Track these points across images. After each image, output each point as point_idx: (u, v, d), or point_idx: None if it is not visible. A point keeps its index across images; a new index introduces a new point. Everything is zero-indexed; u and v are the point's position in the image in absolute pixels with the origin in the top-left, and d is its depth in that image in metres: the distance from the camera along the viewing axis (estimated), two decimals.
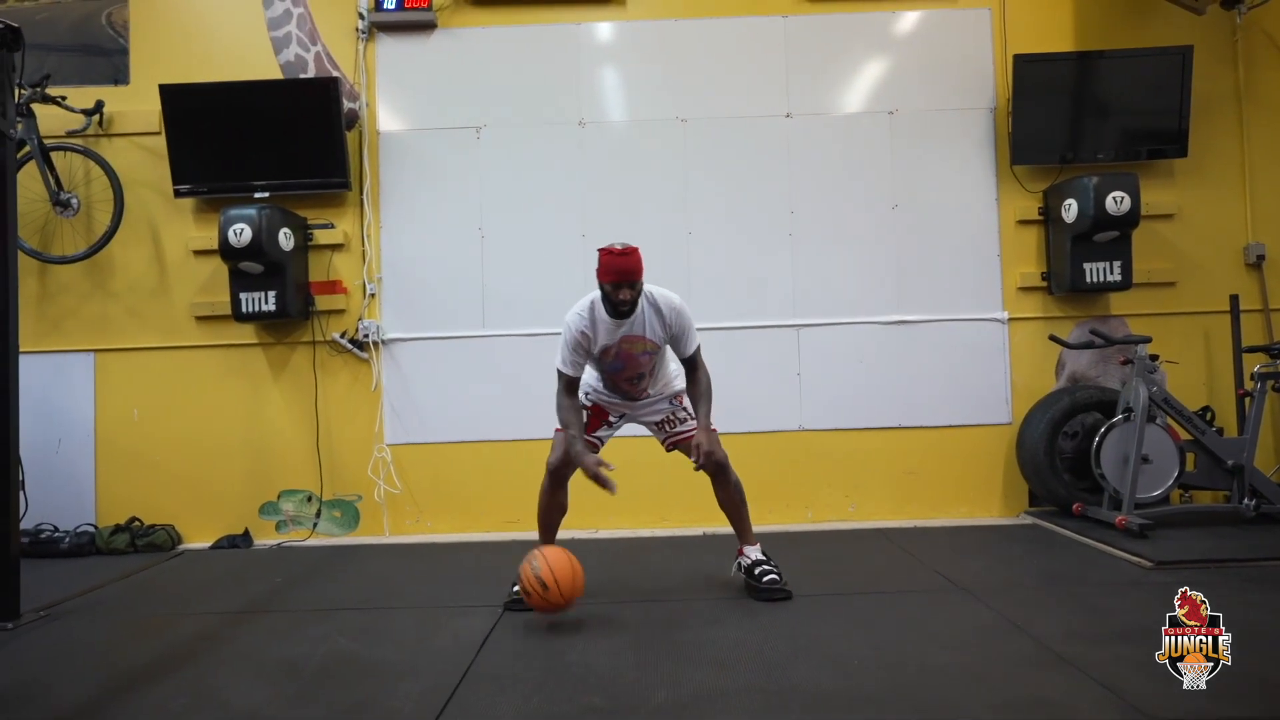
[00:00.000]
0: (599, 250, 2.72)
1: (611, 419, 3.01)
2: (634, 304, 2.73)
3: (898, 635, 2.50)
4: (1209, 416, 4.02)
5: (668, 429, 2.98)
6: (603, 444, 2.99)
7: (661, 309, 2.80)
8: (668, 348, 2.92)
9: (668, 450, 3.03)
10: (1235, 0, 4.14)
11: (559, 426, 2.89)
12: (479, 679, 2.24)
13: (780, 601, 2.85)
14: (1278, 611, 2.57)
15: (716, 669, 2.25)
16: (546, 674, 2.26)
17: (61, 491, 4.17)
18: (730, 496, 2.95)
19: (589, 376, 3.00)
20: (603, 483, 2.71)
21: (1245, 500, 3.64)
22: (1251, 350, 3.95)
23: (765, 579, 2.89)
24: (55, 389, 4.23)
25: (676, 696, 2.07)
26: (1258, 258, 4.24)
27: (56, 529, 4.10)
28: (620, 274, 2.67)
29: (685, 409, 2.98)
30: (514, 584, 2.80)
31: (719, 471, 2.90)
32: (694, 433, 2.85)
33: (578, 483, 4.16)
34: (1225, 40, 4.31)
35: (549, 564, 2.60)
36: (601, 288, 2.75)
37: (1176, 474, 3.70)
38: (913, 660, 2.28)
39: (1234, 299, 4.09)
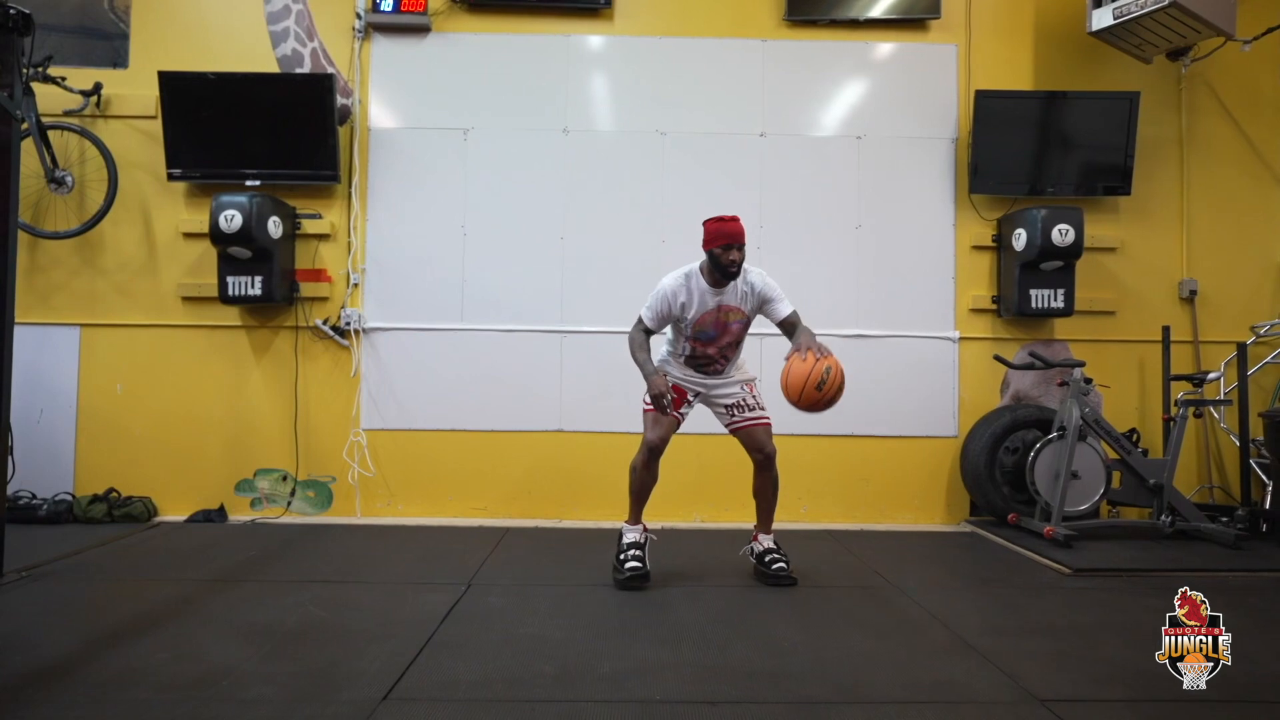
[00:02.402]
0: (705, 221, 3.03)
1: (690, 398, 3.22)
2: (740, 265, 3.01)
3: (829, 624, 2.73)
4: (1135, 438, 4.30)
5: (736, 413, 3.21)
6: (684, 419, 3.21)
7: (752, 279, 3.09)
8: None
9: (731, 432, 3.26)
10: (1180, 52, 4.44)
11: (647, 406, 3.15)
12: (440, 646, 2.43)
13: (787, 587, 3.15)
14: (1167, 615, 2.83)
15: (660, 646, 2.46)
16: (503, 644, 2.46)
17: (41, 460, 4.28)
18: (766, 486, 3.25)
19: (668, 365, 3.23)
20: (663, 408, 3.03)
21: (1164, 517, 3.92)
22: (1178, 378, 4.25)
23: (774, 566, 3.19)
24: (40, 360, 4.35)
25: (621, 667, 2.28)
26: (1190, 293, 4.55)
27: (35, 496, 4.22)
28: (731, 236, 2.97)
29: (755, 396, 3.23)
30: (623, 559, 3.13)
31: (766, 463, 3.20)
32: (756, 423, 3.17)
33: (523, 481, 4.35)
34: (1170, 88, 4.61)
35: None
36: (710, 254, 3.01)
37: (1103, 490, 3.98)
38: (839, 646, 2.51)
39: (1165, 330, 4.38)
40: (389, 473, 4.44)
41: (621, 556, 3.17)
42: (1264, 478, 4.20)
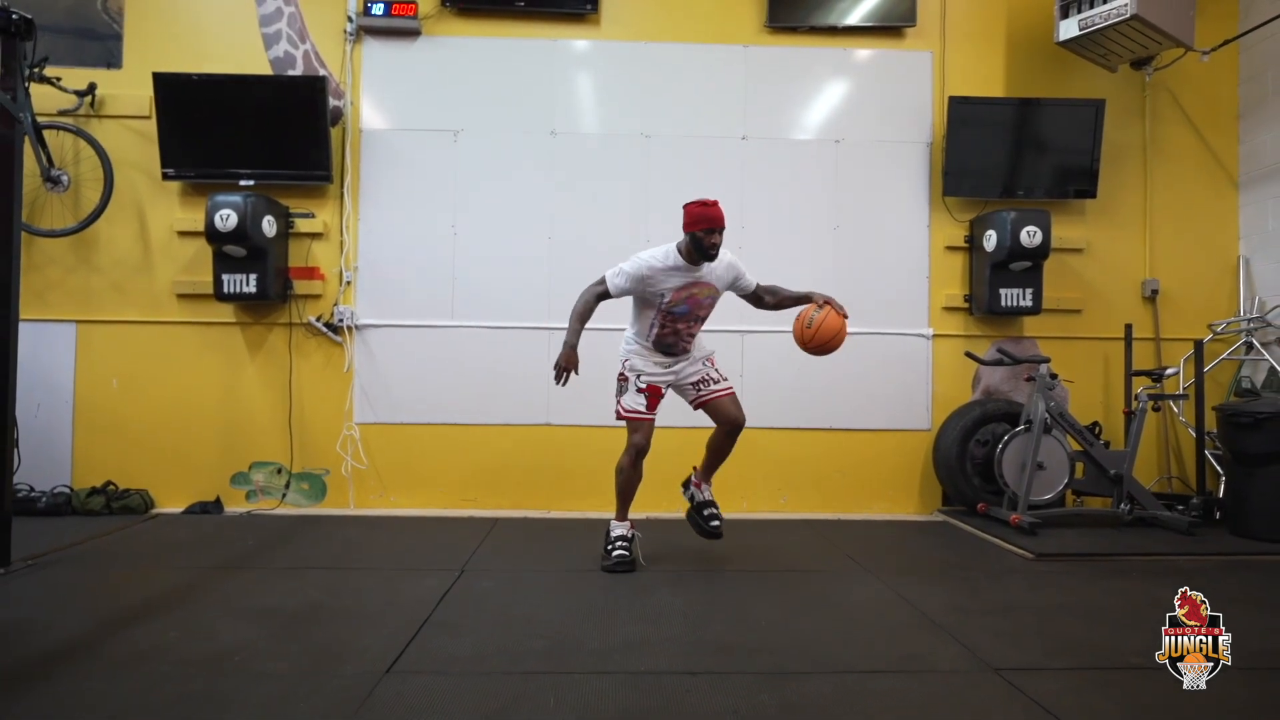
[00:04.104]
0: (687, 205, 3.19)
1: (663, 392, 3.38)
2: (719, 248, 3.19)
3: (804, 604, 2.90)
4: (1097, 431, 4.49)
5: (702, 388, 3.38)
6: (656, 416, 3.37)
7: (726, 260, 3.30)
8: None
9: (695, 409, 3.43)
10: (1143, 62, 4.64)
11: (629, 412, 3.28)
12: (437, 626, 2.57)
13: (714, 540, 3.43)
14: (1120, 595, 3.04)
15: (644, 624, 2.61)
16: (496, 623, 2.60)
17: (39, 454, 4.35)
18: (725, 446, 3.41)
19: (637, 359, 3.35)
20: (559, 375, 3.14)
21: (1123, 505, 4.12)
22: (1139, 374, 4.45)
23: (711, 522, 3.43)
24: (37, 356, 4.41)
25: (606, 643, 2.43)
26: (1152, 292, 4.76)
27: (33, 489, 4.31)
28: (713, 220, 3.14)
29: (716, 370, 3.42)
30: (610, 548, 3.30)
31: (735, 432, 3.36)
32: (723, 394, 3.35)
33: (512, 473, 4.49)
34: (1134, 96, 4.81)
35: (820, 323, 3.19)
36: (693, 236, 3.17)
37: (1066, 480, 4.17)
38: (812, 624, 2.68)
39: (1128, 328, 4.59)
40: (381, 465, 4.56)
41: (609, 546, 3.33)
42: (1218, 468, 4.42)
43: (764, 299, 3.43)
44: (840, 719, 1.95)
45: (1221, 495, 4.29)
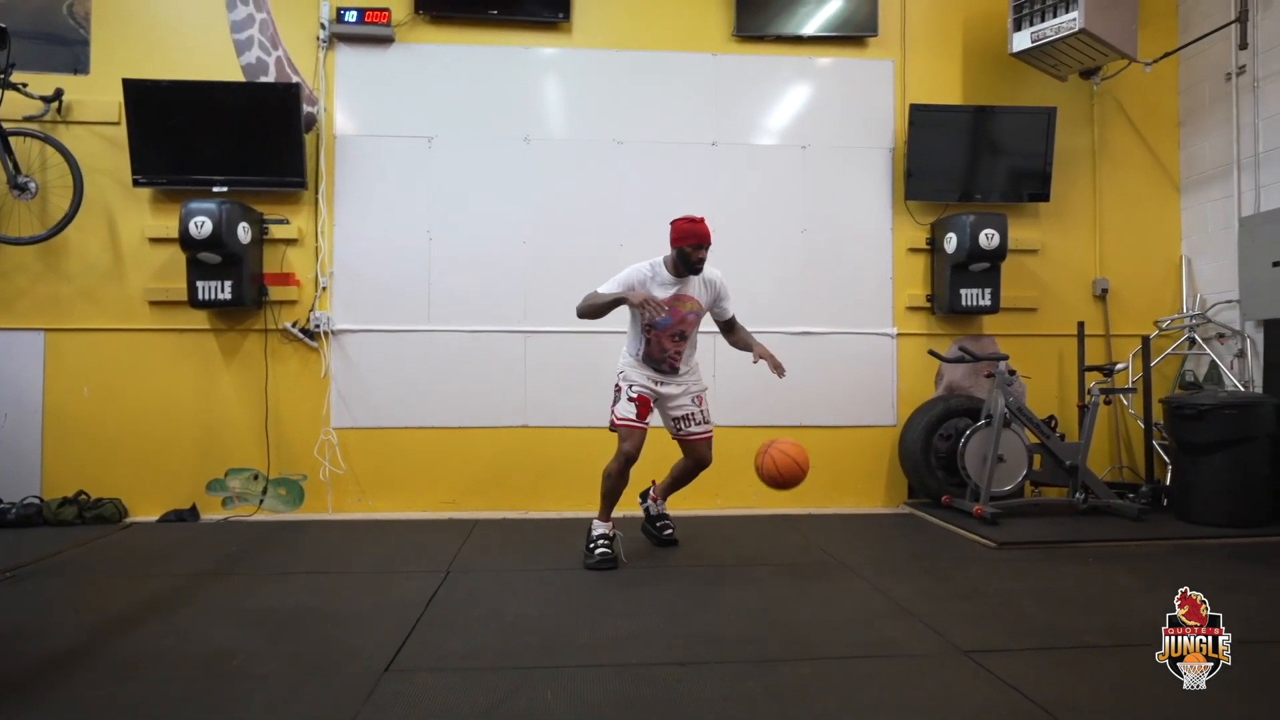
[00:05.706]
0: (674, 221, 3.38)
1: (652, 404, 3.50)
2: (704, 263, 3.37)
3: (782, 595, 3.02)
4: (1053, 424, 4.71)
5: (684, 425, 3.56)
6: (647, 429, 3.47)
7: (708, 277, 3.47)
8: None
9: (675, 440, 3.62)
10: (1091, 72, 4.88)
11: (621, 421, 3.40)
12: (430, 625, 2.64)
13: (671, 547, 3.71)
14: (1078, 579, 3.23)
15: (632, 619, 2.71)
16: (487, 621, 2.68)
17: (7, 464, 4.32)
18: (689, 475, 3.67)
19: (630, 371, 3.49)
20: (652, 310, 3.24)
21: (1078, 495, 4.34)
22: (1090, 369, 4.68)
23: (665, 532, 3.74)
24: (3, 365, 4.37)
25: (596, 638, 2.53)
26: (1102, 291, 5.00)
27: (1, 500, 4.25)
28: (700, 237, 3.33)
29: (703, 410, 3.57)
30: (593, 547, 3.41)
31: (701, 469, 3.61)
32: (701, 438, 3.55)
33: (490, 475, 4.54)
34: (1084, 104, 5.05)
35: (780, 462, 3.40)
36: (680, 251, 3.34)
37: (1025, 472, 4.38)
38: (791, 613, 2.80)
39: (1080, 325, 4.81)
40: (360, 470, 4.59)
41: (591, 545, 3.43)
42: (1165, 458, 4.66)
43: (729, 334, 3.67)
44: (822, 702, 2.07)
45: (1169, 483, 4.53)
